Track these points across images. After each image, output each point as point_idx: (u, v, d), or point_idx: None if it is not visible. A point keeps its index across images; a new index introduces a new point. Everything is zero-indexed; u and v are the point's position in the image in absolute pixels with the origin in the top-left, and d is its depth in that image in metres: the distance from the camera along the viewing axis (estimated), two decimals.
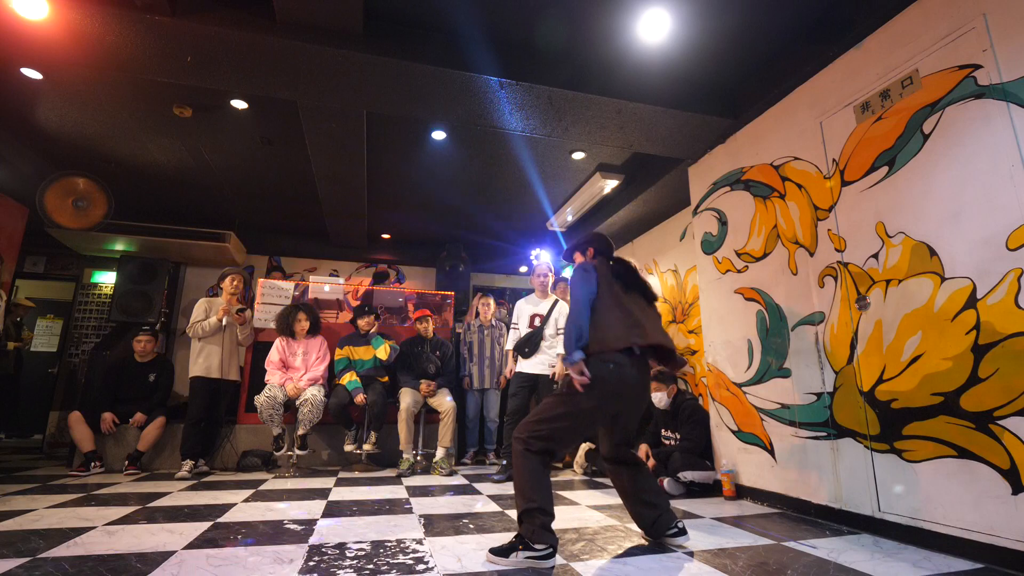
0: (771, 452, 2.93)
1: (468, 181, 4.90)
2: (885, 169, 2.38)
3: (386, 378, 4.30)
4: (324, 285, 5.47)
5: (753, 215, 3.22)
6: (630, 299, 2.15)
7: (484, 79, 2.98)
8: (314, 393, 3.89)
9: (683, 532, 2.08)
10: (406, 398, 4.00)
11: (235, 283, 4.13)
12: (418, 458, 4.13)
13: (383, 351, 4.26)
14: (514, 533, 1.91)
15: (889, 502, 2.25)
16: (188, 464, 3.74)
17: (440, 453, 3.99)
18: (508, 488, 3.38)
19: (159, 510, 2.61)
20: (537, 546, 1.82)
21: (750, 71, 3.25)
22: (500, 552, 1.84)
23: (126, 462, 3.86)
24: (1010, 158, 1.91)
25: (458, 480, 3.71)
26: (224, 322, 4.03)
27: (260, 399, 3.81)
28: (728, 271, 3.41)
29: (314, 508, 2.70)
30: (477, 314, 4.96)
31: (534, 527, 1.85)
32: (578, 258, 2.42)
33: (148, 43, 2.67)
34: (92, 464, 3.81)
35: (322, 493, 3.13)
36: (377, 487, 3.37)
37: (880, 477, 2.30)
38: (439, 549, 1.99)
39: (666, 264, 5.09)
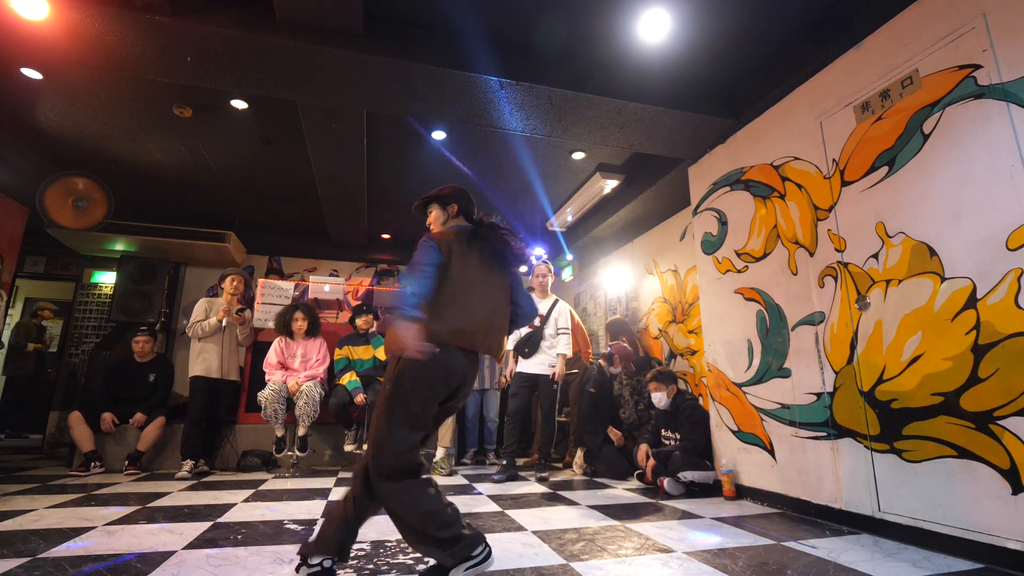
0: (771, 452, 2.93)
1: (468, 181, 4.89)
2: (885, 169, 2.38)
3: None
4: (324, 285, 5.47)
5: (753, 215, 3.22)
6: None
7: (484, 79, 2.98)
8: (310, 387, 3.90)
9: None
10: None
11: (235, 283, 4.13)
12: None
13: (383, 351, 4.26)
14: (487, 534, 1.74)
15: (889, 502, 2.25)
16: (188, 464, 3.74)
17: (440, 453, 3.99)
18: (508, 488, 3.38)
19: (159, 510, 2.61)
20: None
21: (750, 71, 3.25)
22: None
23: (126, 462, 3.86)
24: (1010, 158, 1.91)
25: (458, 480, 3.71)
26: (224, 323, 4.03)
27: (264, 393, 3.82)
28: (728, 271, 3.41)
29: (314, 508, 2.70)
30: None
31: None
32: (435, 212, 2.06)
33: (148, 43, 2.67)
34: (92, 464, 3.81)
35: (322, 493, 3.13)
36: None
37: (880, 477, 2.30)
38: None
39: (666, 264, 5.09)
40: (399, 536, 2.16)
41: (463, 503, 2.88)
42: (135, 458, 3.88)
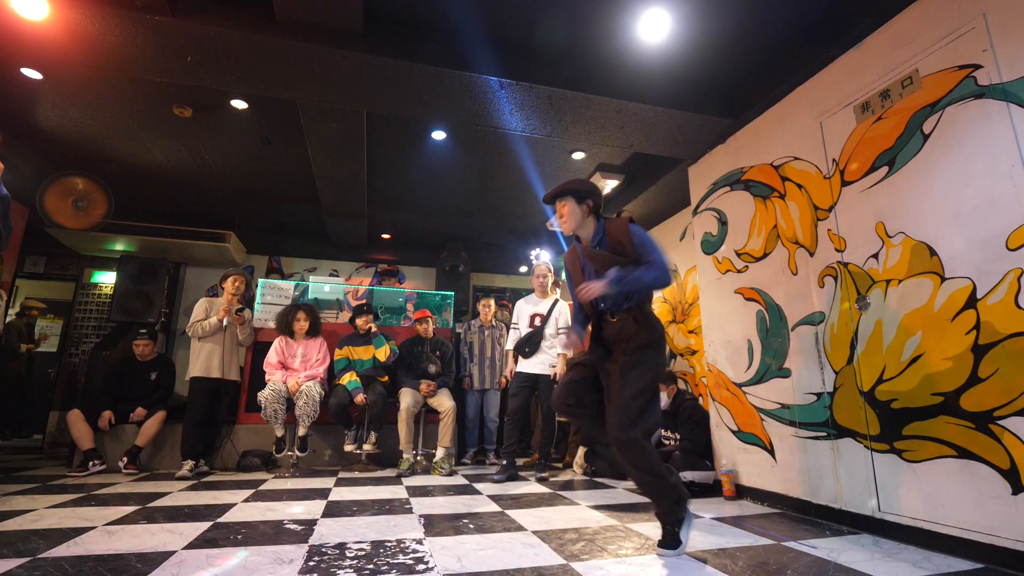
0: (771, 452, 2.93)
1: (468, 181, 4.90)
2: (885, 169, 2.38)
3: (386, 378, 4.30)
4: (324, 285, 5.48)
5: (753, 215, 3.22)
6: None
7: (484, 79, 2.98)
8: (310, 387, 3.90)
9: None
10: (406, 398, 4.00)
11: (237, 284, 4.12)
12: (418, 458, 4.13)
13: (383, 352, 4.26)
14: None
15: (889, 502, 2.25)
16: (188, 464, 3.73)
17: (440, 453, 3.99)
18: (508, 488, 3.38)
19: (159, 510, 2.61)
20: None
21: (750, 71, 3.25)
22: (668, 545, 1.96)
23: (124, 459, 3.81)
24: (1010, 158, 1.91)
25: (458, 480, 3.71)
26: (224, 322, 4.03)
27: (264, 393, 3.81)
28: (728, 271, 3.41)
29: (314, 508, 2.70)
30: (477, 314, 4.97)
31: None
32: (570, 206, 2.18)
33: (148, 43, 2.67)
34: (91, 463, 3.80)
35: (322, 493, 3.13)
36: (377, 487, 3.37)
37: (880, 477, 2.30)
38: (439, 549, 1.99)
39: None
40: (398, 536, 2.16)
41: (463, 503, 2.88)
42: (134, 455, 3.83)
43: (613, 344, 2.09)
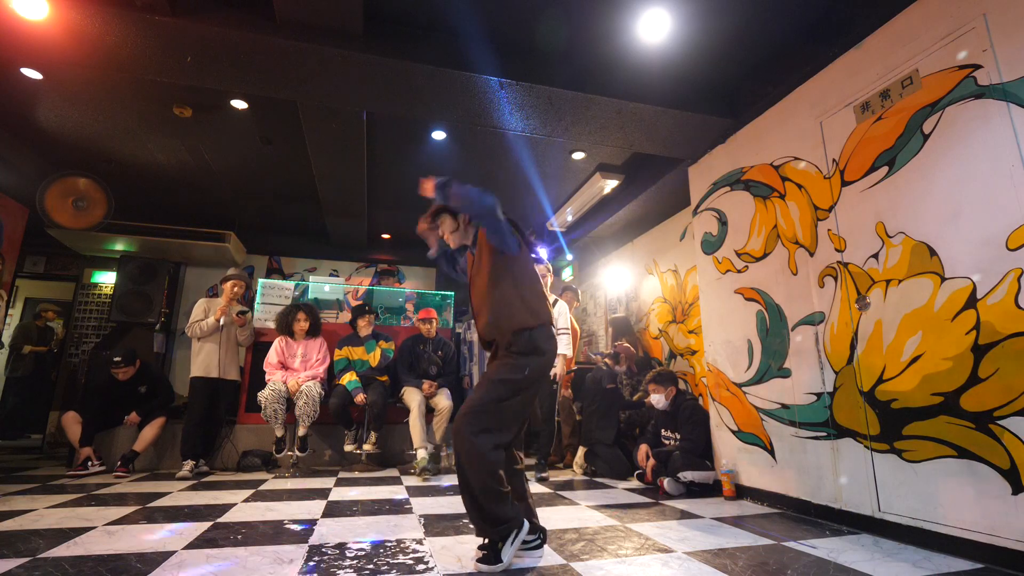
0: (771, 452, 2.93)
1: (467, 181, 4.89)
2: (885, 169, 2.38)
3: (386, 378, 4.30)
4: (324, 285, 5.47)
5: (753, 215, 3.22)
6: None
7: (484, 79, 2.98)
8: (310, 387, 3.90)
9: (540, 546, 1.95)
10: (416, 396, 3.99)
11: (235, 288, 4.12)
12: (442, 454, 4.09)
13: (374, 357, 4.26)
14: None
15: (889, 502, 2.25)
16: (189, 464, 3.73)
17: (429, 449, 3.97)
18: None
19: (159, 510, 2.61)
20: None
21: (750, 71, 3.25)
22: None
23: (118, 462, 3.78)
24: (1010, 158, 1.91)
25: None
26: (222, 322, 4.03)
27: (264, 393, 3.81)
28: (728, 271, 3.41)
29: (314, 508, 2.70)
30: None
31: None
32: (448, 222, 2.19)
33: (148, 43, 2.67)
34: (89, 462, 3.79)
35: (322, 493, 3.13)
36: (377, 487, 3.37)
37: (880, 477, 2.30)
38: (439, 549, 1.99)
39: (666, 264, 5.09)
40: (398, 536, 2.16)
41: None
42: (128, 459, 3.79)
43: None
